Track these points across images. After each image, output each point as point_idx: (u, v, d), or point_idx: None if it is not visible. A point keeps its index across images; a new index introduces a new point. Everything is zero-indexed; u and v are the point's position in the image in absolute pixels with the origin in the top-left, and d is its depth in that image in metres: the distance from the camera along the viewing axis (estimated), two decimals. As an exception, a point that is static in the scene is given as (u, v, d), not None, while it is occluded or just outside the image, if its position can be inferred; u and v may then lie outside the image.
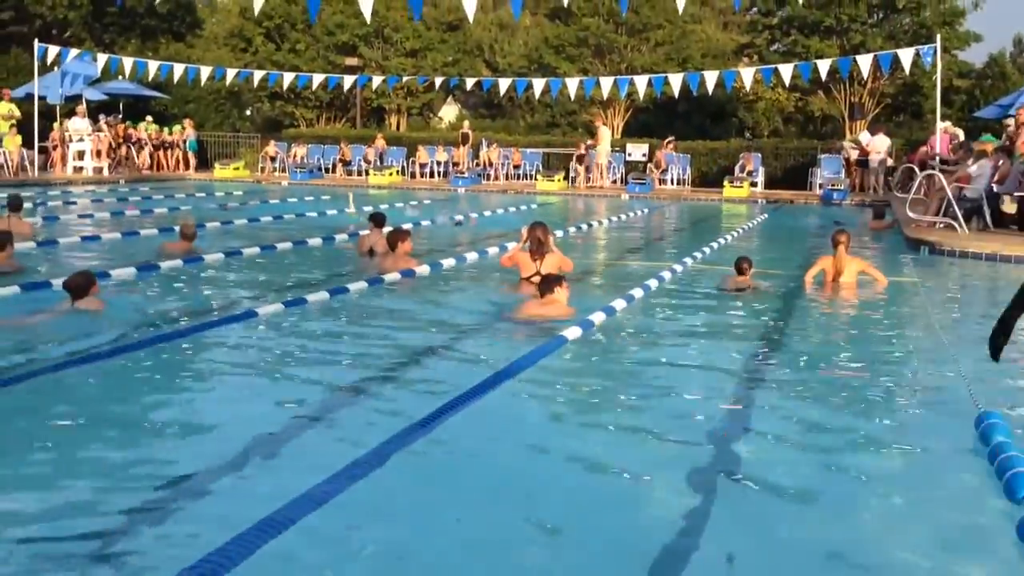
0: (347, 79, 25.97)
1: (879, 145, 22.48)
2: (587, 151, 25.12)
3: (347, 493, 3.47)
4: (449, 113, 42.31)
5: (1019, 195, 13.08)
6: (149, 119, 27.90)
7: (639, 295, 8.15)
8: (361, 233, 11.09)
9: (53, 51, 22.76)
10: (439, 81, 27.57)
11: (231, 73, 24.68)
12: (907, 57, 19.97)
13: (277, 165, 28.16)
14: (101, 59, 23.53)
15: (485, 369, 5.43)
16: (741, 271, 8.67)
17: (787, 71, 21.68)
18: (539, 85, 23.60)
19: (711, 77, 22.02)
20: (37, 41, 23.16)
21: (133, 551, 3.21)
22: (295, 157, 27.90)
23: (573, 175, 25.54)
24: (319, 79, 26.36)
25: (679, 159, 25.59)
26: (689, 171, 25.53)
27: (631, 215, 17.96)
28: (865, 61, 20.73)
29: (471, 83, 26.75)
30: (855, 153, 23.34)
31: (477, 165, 26.66)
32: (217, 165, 27.53)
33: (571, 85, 23.05)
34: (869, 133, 23.43)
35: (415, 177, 27.37)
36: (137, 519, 3.43)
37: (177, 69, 23.79)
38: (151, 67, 23.73)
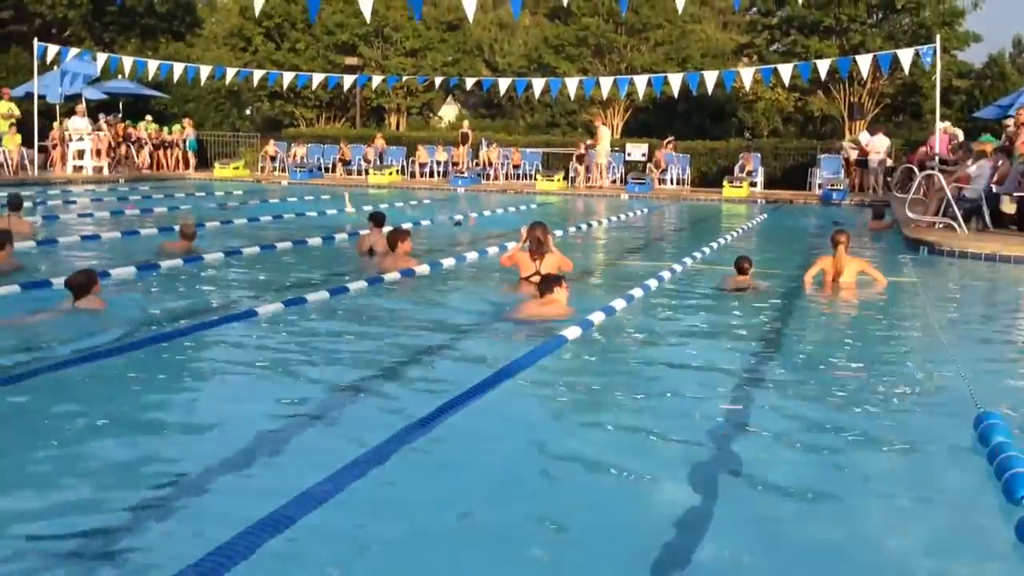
0: (347, 79, 25.98)
1: (878, 145, 22.49)
2: (587, 151, 25.12)
3: (348, 492, 3.48)
4: (449, 113, 42.32)
5: (1018, 195, 13.09)
6: (149, 118, 27.91)
7: (639, 295, 8.15)
8: (361, 233, 11.10)
9: (53, 50, 22.77)
10: (439, 81, 27.58)
11: (231, 72, 24.68)
12: (906, 57, 19.99)
13: (277, 165, 28.16)
14: (101, 58, 23.52)
15: (484, 369, 5.43)
16: (741, 271, 8.67)
17: (787, 71, 21.70)
18: (539, 85, 23.61)
19: (711, 77, 22.03)
20: (37, 40, 23.16)
21: (134, 549, 3.21)
22: (295, 157, 27.92)
23: (573, 175, 25.55)
24: (319, 78, 26.39)
25: (678, 159, 25.60)
26: (688, 171, 25.54)
27: (631, 215, 17.97)
28: (864, 61, 20.75)
29: (471, 83, 26.77)
30: (854, 153, 23.36)
31: (477, 165, 26.66)
32: (217, 164, 27.53)
33: (571, 85, 23.06)
34: (868, 133, 23.43)
35: (415, 177, 27.38)
36: (138, 517, 3.43)
37: (177, 68, 23.80)
38: (151, 66, 23.74)
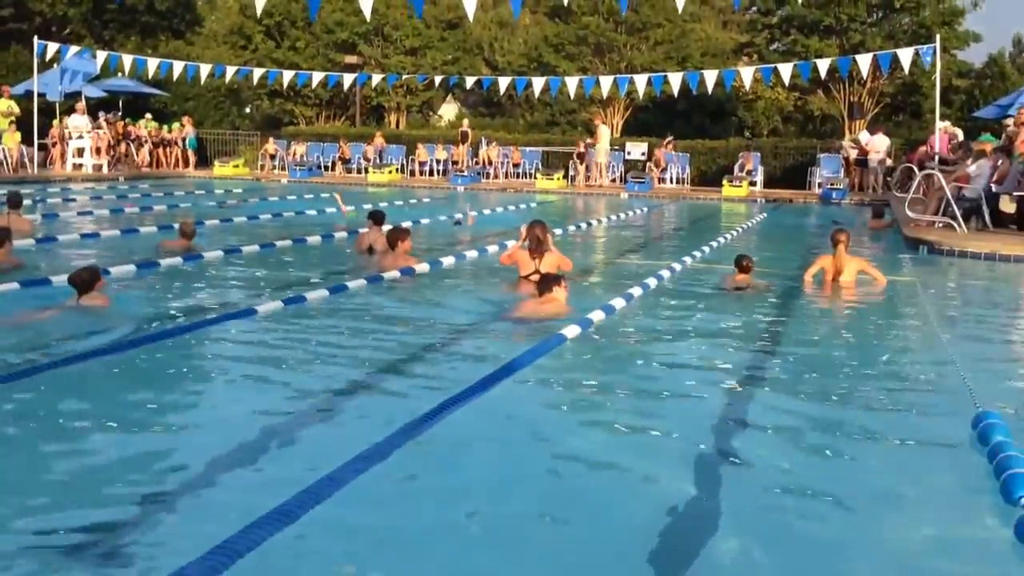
0: (347, 77, 25.97)
1: (878, 145, 22.49)
2: (586, 150, 25.12)
3: (348, 488, 3.48)
4: (449, 111, 42.31)
5: (1018, 195, 13.09)
6: (148, 116, 27.91)
7: (638, 294, 8.15)
8: (360, 231, 11.10)
9: (53, 48, 22.77)
10: (439, 79, 27.57)
11: (231, 71, 24.67)
12: (906, 57, 20.00)
13: (276, 163, 28.16)
14: (100, 56, 23.50)
15: (483, 367, 5.43)
16: (742, 269, 8.66)
17: (786, 70, 21.70)
18: (539, 84, 23.60)
19: (710, 76, 22.03)
20: (37, 38, 23.16)
21: (138, 543, 3.22)
22: (294, 155, 27.91)
23: (572, 174, 25.55)
24: (319, 77, 26.39)
25: (678, 158, 25.60)
26: (688, 170, 25.54)
27: (630, 214, 17.97)
28: (864, 61, 20.75)
29: (471, 81, 26.76)
30: (854, 153, 23.36)
31: (476, 163, 26.66)
32: (217, 163, 27.52)
33: (571, 84, 23.06)
34: (868, 133, 23.44)
35: (414, 175, 27.38)
36: (143, 512, 3.44)
37: (177, 66, 23.80)
38: (151, 64, 23.74)
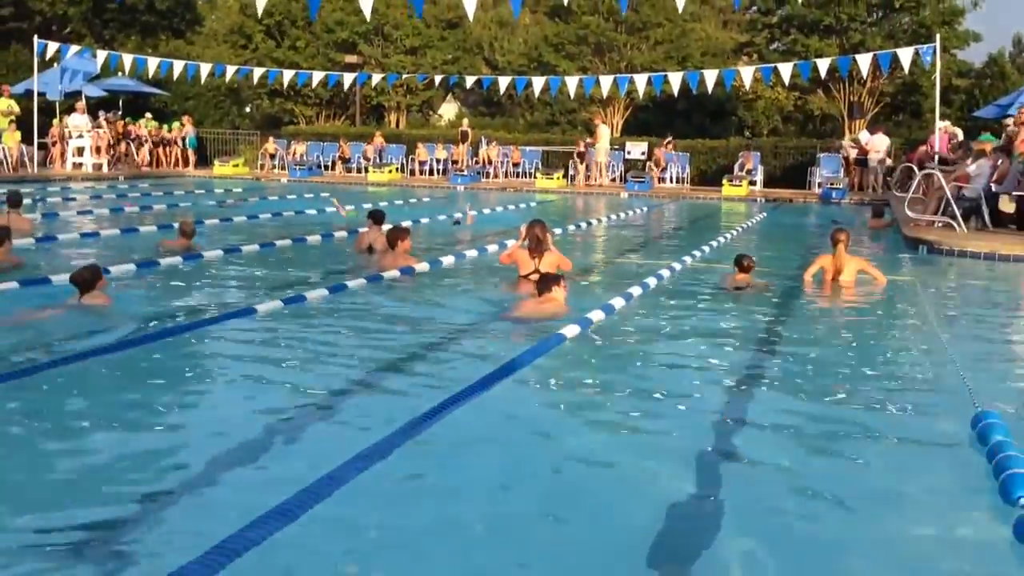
0: (347, 76, 25.97)
1: (878, 144, 22.49)
2: (586, 149, 25.12)
3: (349, 485, 3.48)
4: (449, 111, 42.32)
5: (1017, 194, 13.10)
6: (148, 116, 27.92)
7: (638, 293, 8.15)
8: (360, 231, 11.10)
9: (53, 47, 22.76)
10: (439, 79, 27.55)
11: (231, 70, 24.66)
12: (906, 56, 20.00)
13: (276, 162, 28.16)
14: (101, 55, 23.51)
15: (482, 367, 5.42)
16: (742, 269, 8.65)
17: (786, 70, 21.70)
18: (539, 83, 23.61)
19: (711, 76, 22.04)
20: (37, 37, 23.15)
21: (138, 542, 3.22)
22: (294, 154, 27.91)
23: (572, 173, 25.55)
24: (319, 76, 26.38)
25: (678, 157, 25.61)
26: (688, 169, 25.54)
27: (630, 213, 17.97)
28: (864, 60, 20.75)
29: (471, 81, 26.75)
30: (854, 152, 23.36)
31: (476, 163, 26.66)
32: (217, 162, 27.52)
33: (571, 83, 23.07)
34: (868, 132, 23.45)
35: (414, 175, 27.38)
36: (145, 509, 3.45)
37: (177, 66, 23.81)
38: (151, 64, 23.74)
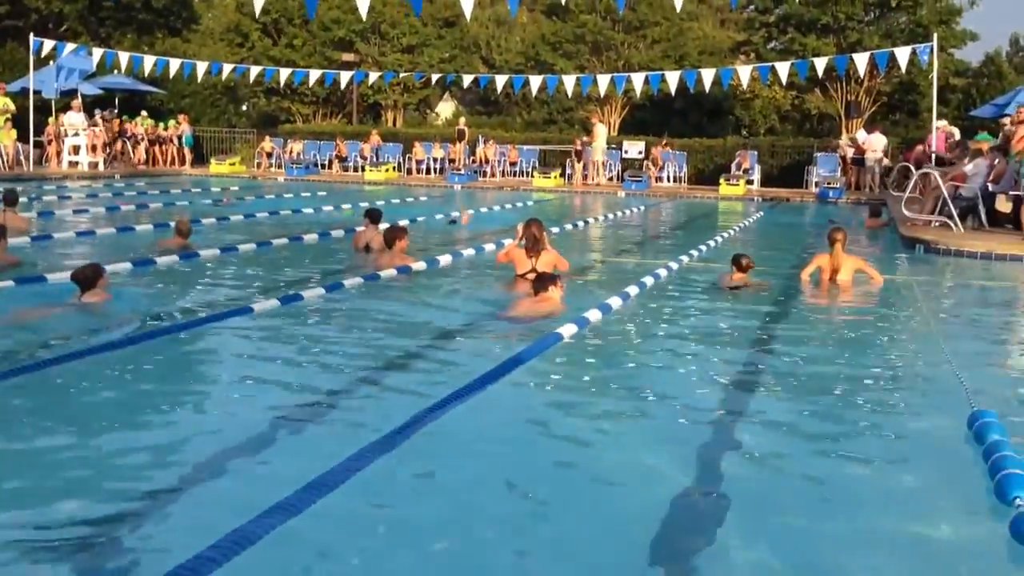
0: (343, 75, 25.95)
1: (875, 144, 22.51)
2: (583, 148, 25.11)
3: (347, 486, 3.48)
4: (446, 109, 42.31)
5: (1014, 194, 13.10)
6: (144, 114, 27.88)
7: (635, 293, 8.14)
8: (357, 229, 11.08)
9: (49, 45, 22.71)
10: (436, 77, 27.53)
11: (227, 68, 24.64)
12: (903, 56, 20.02)
13: (273, 161, 28.14)
14: (97, 53, 23.47)
15: (478, 367, 5.38)
16: (740, 268, 8.63)
17: (784, 69, 21.70)
18: (536, 82, 23.60)
19: (708, 75, 22.05)
20: (32, 35, 23.12)
21: (137, 539, 3.23)
22: (291, 153, 27.87)
23: (569, 172, 25.54)
24: (315, 75, 26.34)
25: (675, 156, 25.62)
26: (685, 169, 25.55)
27: (627, 212, 17.96)
28: (862, 59, 20.75)
29: (468, 80, 26.75)
30: (851, 151, 23.38)
31: (473, 162, 26.65)
32: (213, 161, 27.50)
33: (568, 82, 23.06)
34: (865, 131, 23.47)
35: (411, 173, 27.37)
36: (146, 505, 3.45)
37: (173, 64, 23.79)
38: (147, 62, 23.71)
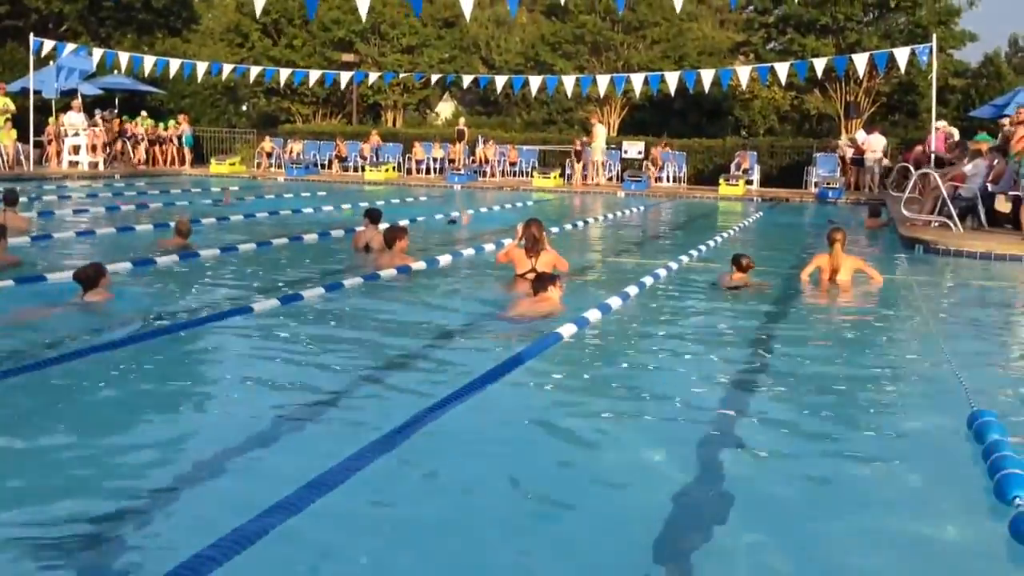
0: (343, 75, 25.95)
1: (875, 144, 22.53)
2: (582, 148, 25.12)
3: (346, 485, 3.48)
4: (445, 110, 42.32)
5: (1013, 194, 13.12)
6: (144, 114, 27.88)
7: (634, 293, 8.15)
8: (357, 229, 11.09)
9: (49, 45, 22.70)
10: (435, 78, 27.52)
11: (227, 68, 24.63)
12: (903, 56, 20.02)
13: (273, 161, 28.14)
14: (97, 54, 23.46)
15: (478, 366, 5.38)
16: (740, 267, 8.63)
17: (783, 69, 21.71)
18: (536, 82, 23.60)
19: (707, 75, 22.05)
20: (33, 35, 23.11)
21: (141, 535, 3.24)
22: (291, 153, 27.87)
23: (569, 172, 25.55)
24: (315, 75, 26.33)
25: (675, 157, 25.63)
26: (685, 169, 25.56)
27: (627, 213, 17.97)
28: (861, 60, 20.75)
29: (468, 80, 26.77)
30: (850, 152, 23.39)
31: (473, 162, 26.65)
32: (213, 161, 27.50)
33: (568, 83, 23.06)
34: (865, 132, 23.48)
35: (411, 173, 27.37)
36: (148, 502, 3.46)
37: (173, 64, 23.78)
38: (147, 62, 23.70)
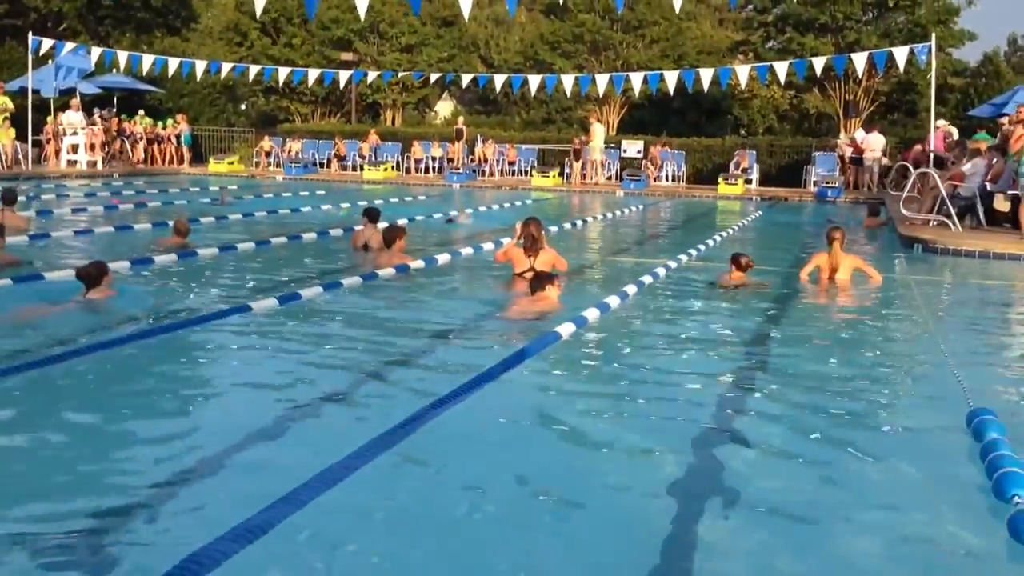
0: (342, 74, 25.93)
1: (874, 143, 22.54)
2: (581, 147, 25.12)
3: (345, 483, 3.48)
4: (444, 109, 42.31)
5: (1012, 193, 13.13)
6: (142, 113, 27.86)
7: (633, 292, 8.14)
8: (355, 228, 11.08)
9: (47, 44, 22.65)
10: (434, 77, 27.49)
11: (226, 67, 24.62)
12: (902, 55, 20.02)
13: (272, 160, 28.13)
14: (95, 52, 23.44)
15: (476, 366, 5.37)
16: (739, 266, 8.63)
17: (782, 68, 21.70)
18: (535, 81, 23.59)
19: (706, 74, 22.04)
20: (31, 34, 23.07)
21: (144, 531, 3.24)
22: (290, 152, 27.87)
23: (568, 171, 25.55)
24: (314, 74, 26.28)
25: (674, 156, 25.63)
26: (684, 168, 25.56)
27: (626, 212, 17.97)
28: (860, 59, 20.73)
29: (467, 79, 26.76)
30: (849, 151, 23.40)
31: (472, 161, 26.65)
32: (212, 160, 27.50)
33: (567, 82, 23.05)
34: (864, 131, 23.49)
35: (410, 172, 27.36)
36: (149, 499, 3.45)
37: (172, 63, 23.75)
38: (146, 61, 23.66)
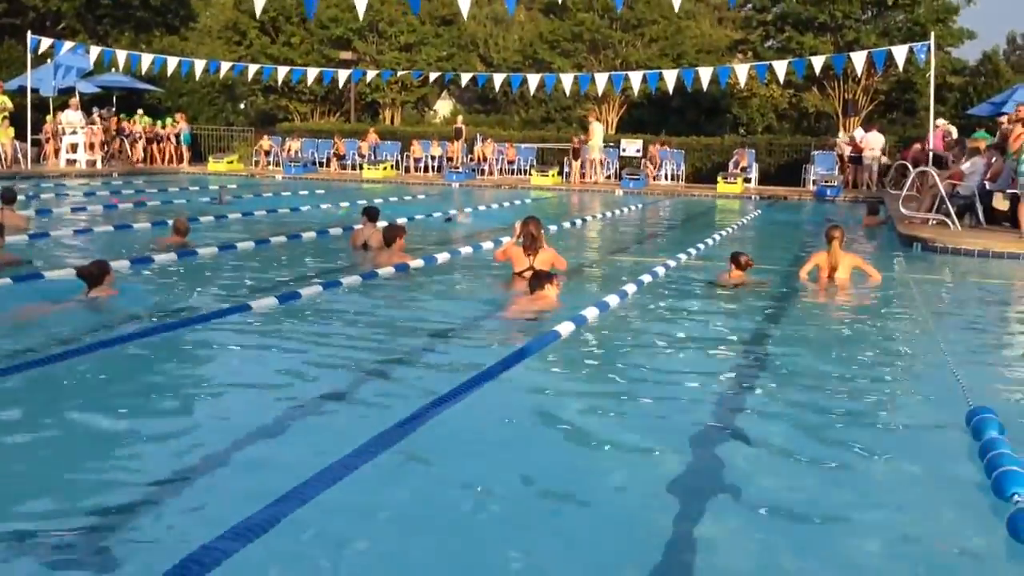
0: (341, 73, 25.92)
1: (873, 142, 22.55)
2: (580, 146, 25.12)
3: (345, 482, 3.49)
4: (444, 108, 42.30)
5: (1011, 192, 13.14)
6: (141, 112, 27.85)
7: (632, 291, 8.15)
8: (355, 227, 11.08)
9: (46, 43, 22.65)
10: (434, 76, 27.48)
11: (225, 66, 24.62)
12: (901, 54, 20.03)
13: (271, 159, 28.13)
14: (94, 52, 23.45)
15: (475, 365, 5.38)
16: (738, 265, 8.63)
17: (781, 67, 21.72)
18: (534, 80, 23.60)
19: (705, 73, 22.06)
20: (30, 33, 23.07)
21: (146, 528, 3.25)
22: (289, 151, 27.87)
23: (567, 170, 25.55)
24: (313, 73, 26.27)
25: (673, 155, 25.64)
26: (683, 167, 25.57)
27: (625, 211, 17.98)
28: (859, 58, 20.75)
29: (466, 78, 26.76)
30: (848, 150, 23.41)
31: (471, 160, 26.65)
32: (211, 159, 27.49)
33: (566, 81, 23.06)
34: (863, 130, 23.50)
35: (409, 172, 27.36)
36: (149, 496, 3.45)
37: (171, 62, 23.75)
38: (145, 60, 23.67)
